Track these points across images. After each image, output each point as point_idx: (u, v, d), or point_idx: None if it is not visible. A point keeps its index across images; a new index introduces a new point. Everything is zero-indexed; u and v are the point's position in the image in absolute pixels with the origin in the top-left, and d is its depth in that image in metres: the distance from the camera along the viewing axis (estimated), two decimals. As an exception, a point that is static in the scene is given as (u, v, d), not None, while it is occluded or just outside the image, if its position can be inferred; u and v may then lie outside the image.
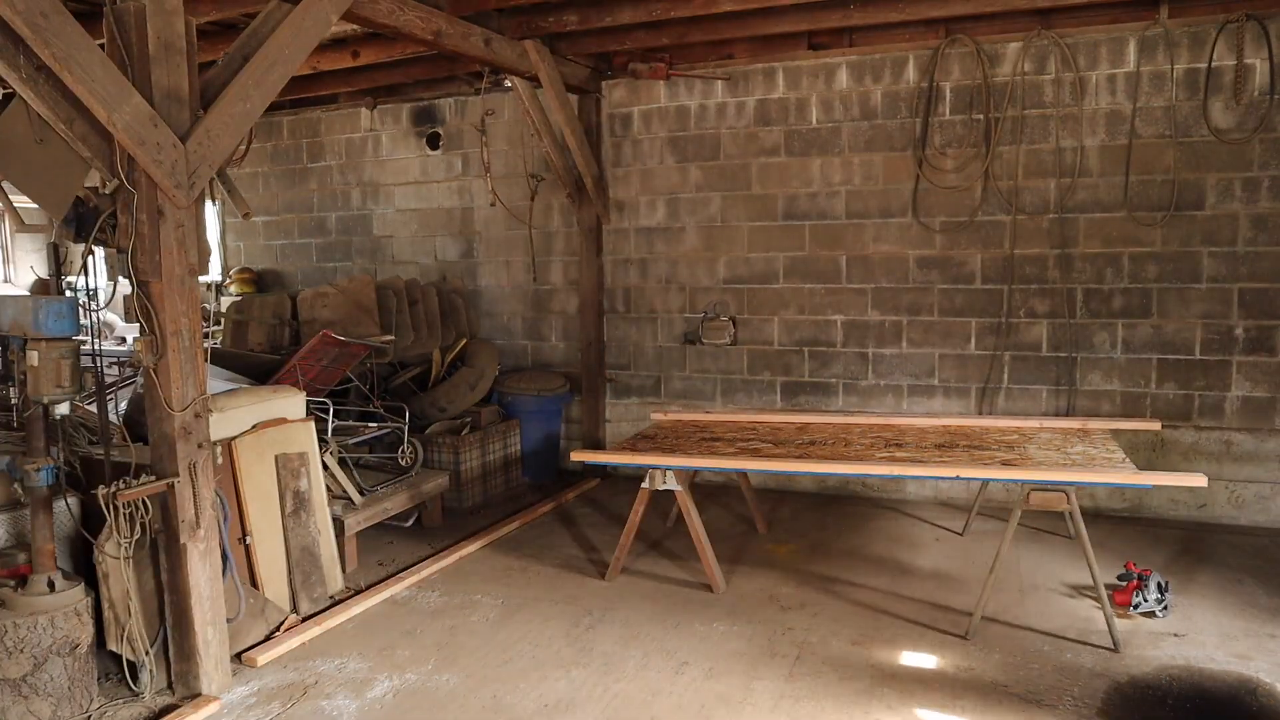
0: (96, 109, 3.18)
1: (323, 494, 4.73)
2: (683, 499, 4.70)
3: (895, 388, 6.41)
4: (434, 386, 6.84)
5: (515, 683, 3.81)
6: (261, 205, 8.48)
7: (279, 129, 8.36)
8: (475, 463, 6.44)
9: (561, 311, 7.42)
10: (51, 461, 3.56)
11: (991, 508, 5.92)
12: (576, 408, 7.33)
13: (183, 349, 3.57)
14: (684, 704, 3.61)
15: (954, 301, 6.22)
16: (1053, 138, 5.85)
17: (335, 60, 6.27)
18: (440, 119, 7.68)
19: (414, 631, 4.34)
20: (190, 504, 3.60)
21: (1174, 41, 5.53)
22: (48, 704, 3.43)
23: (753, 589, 4.78)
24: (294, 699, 3.70)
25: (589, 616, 4.48)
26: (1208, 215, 5.60)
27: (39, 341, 3.44)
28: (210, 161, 3.58)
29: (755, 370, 6.80)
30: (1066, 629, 4.20)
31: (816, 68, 6.37)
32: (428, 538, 5.72)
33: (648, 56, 6.55)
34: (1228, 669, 3.79)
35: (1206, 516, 5.76)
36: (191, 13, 3.57)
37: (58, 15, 3.02)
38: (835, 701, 3.60)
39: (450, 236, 7.76)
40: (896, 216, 6.28)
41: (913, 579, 4.88)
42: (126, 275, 3.53)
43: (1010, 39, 5.84)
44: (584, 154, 6.66)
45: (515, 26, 5.72)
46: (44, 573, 3.51)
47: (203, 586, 3.66)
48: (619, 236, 7.12)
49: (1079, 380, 5.90)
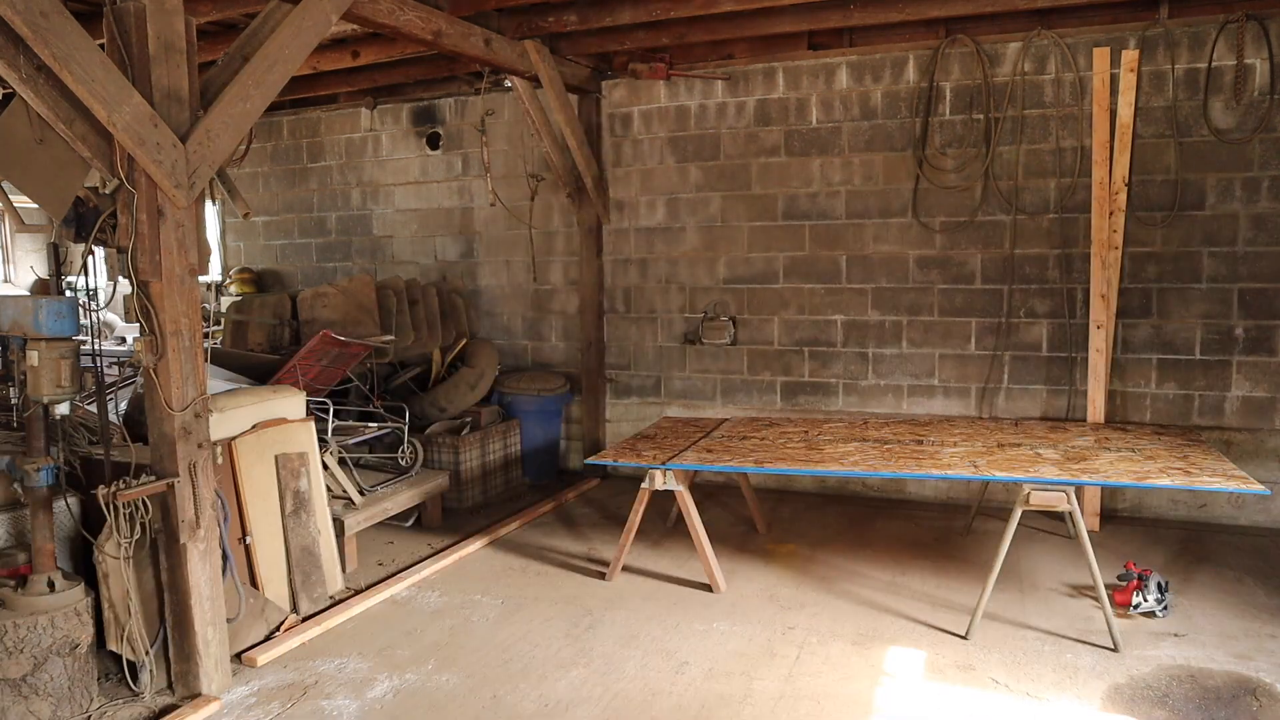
0: (96, 109, 3.18)
1: (323, 494, 4.73)
2: (683, 499, 4.70)
3: (895, 388, 6.41)
4: (434, 386, 6.84)
5: (515, 683, 3.81)
6: (261, 205, 8.48)
7: (279, 129, 8.36)
8: (475, 463, 6.44)
9: (561, 311, 7.42)
10: (51, 461, 3.56)
11: (992, 508, 5.92)
12: (576, 408, 7.33)
13: (183, 349, 3.57)
14: (684, 704, 3.61)
15: (954, 301, 6.22)
16: (1053, 138, 5.85)
17: (335, 60, 6.27)
18: (440, 119, 7.68)
19: (414, 631, 4.34)
20: (190, 504, 3.60)
21: (1174, 41, 5.53)
22: (48, 704, 3.43)
23: (753, 589, 4.78)
24: (294, 699, 3.70)
25: (589, 616, 4.48)
26: (1208, 215, 5.60)
27: (39, 341, 3.44)
28: (210, 161, 3.58)
29: (755, 370, 6.80)
30: (1066, 629, 4.20)
31: (816, 68, 6.37)
32: (428, 538, 5.72)
33: (648, 56, 6.55)
34: (1228, 669, 3.79)
35: (1206, 516, 5.76)
36: (191, 13, 3.57)
37: (58, 15, 3.02)
38: (835, 702, 3.60)
39: (450, 236, 7.76)
40: (896, 216, 6.28)
41: (913, 579, 4.88)
42: (126, 275, 3.52)
43: (1010, 39, 5.84)
44: (584, 154, 6.66)
45: (515, 26, 5.72)
46: (44, 573, 3.51)
47: (203, 586, 3.66)
48: (619, 236, 7.12)
49: (1079, 380, 5.89)
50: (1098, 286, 5.67)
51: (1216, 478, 4.04)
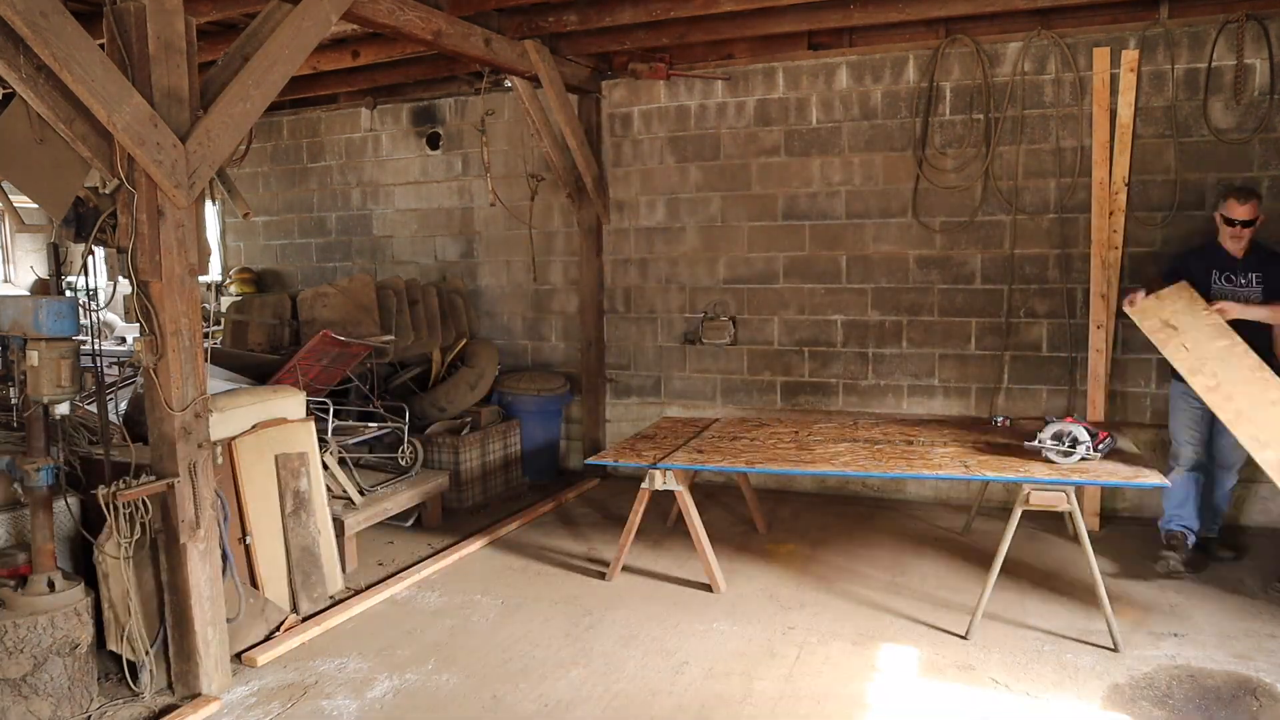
0: (96, 109, 3.18)
1: (323, 494, 4.73)
2: (683, 499, 4.70)
3: (895, 388, 6.41)
4: (434, 386, 6.85)
5: (515, 683, 3.81)
6: (261, 205, 8.48)
7: (279, 129, 8.36)
8: (475, 462, 6.44)
9: (561, 311, 7.42)
10: (51, 461, 3.56)
11: (992, 507, 5.91)
12: (576, 408, 7.33)
13: (183, 349, 3.57)
14: (684, 704, 3.61)
15: (954, 301, 6.22)
16: (1053, 138, 5.84)
17: (335, 60, 6.27)
18: (440, 119, 7.68)
19: (414, 631, 4.34)
20: (190, 504, 3.60)
21: (1174, 41, 5.53)
22: (48, 704, 3.43)
23: (753, 589, 4.78)
24: (294, 699, 3.70)
25: (589, 616, 4.48)
26: (1208, 215, 5.58)
27: (39, 341, 3.44)
28: (210, 161, 3.58)
29: (755, 370, 6.80)
30: (1066, 629, 4.20)
31: (816, 68, 6.37)
32: (428, 538, 5.72)
33: (648, 56, 6.55)
34: (1228, 669, 3.79)
35: (1206, 516, 5.75)
36: (191, 13, 3.57)
37: (58, 15, 3.02)
38: (835, 702, 3.60)
39: (450, 236, 7.76)
40: (896, 216, 6.28)
41: (913, 578, 4.88)
42: (126, 275, 3.52)
43: (1010, 39, 5.84)
44: (584, 154, 6.66)
45: (515, 26, 5.72)
46: (44, 573, 3.51)
47: (203, 586, 3.66)
48: (619, 236, 7.11)
49: (1079, 380, 5.89)
50: (1098, 286, 5.66)
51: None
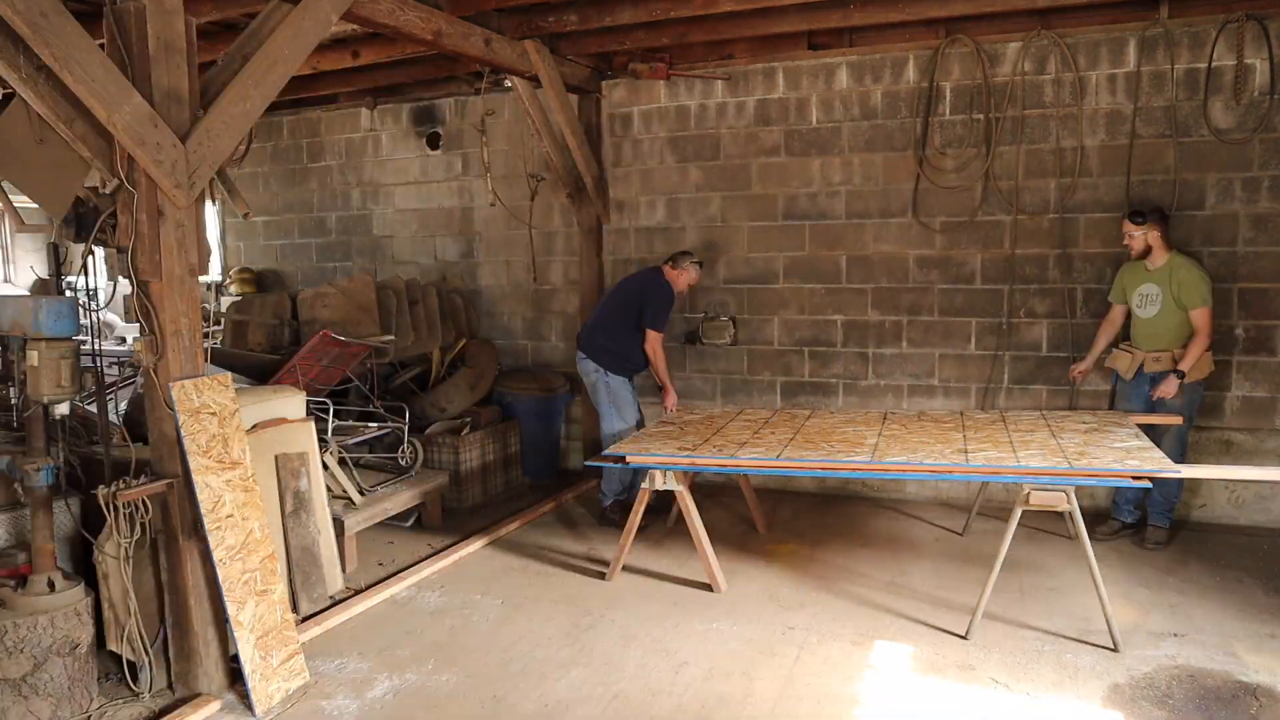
0: (96, 109, 3.18)
1: (323, 494, 4.73)
2: (683, 499, 4.70)
3: (895, 387, 6.41)
4: (434, 386, 6.84)
5: (515, 682, 3.81)
6: (261, 205, 8.47)
7: (279, 129, 8.36)
8: (475, 463, 6.44)
9: (561, 311, 7.42)
10: (51, 461, 3.56)
11: (992, 508, 5.91)
12: (576, 408, 7.33)
13: (183, 349, 3.57)
14: (684, 704, 3.61)
15: (954, 301, 6.22)
16: (1053, 138, 5.84)
17: (335, 60, 6.27)
18: (440, 119, 7.68)
19: (414, 631, 4.34)
20: (190, 504, 3.60)
21: (1174, 41, 5.53)
22: (48, 704, 3.43)
23: (753, 589, 4.78)
24: (294, 699, 3.70)
25: (589, 616, 4.48)
26: (1208, 215, 5.60)
27: (39, 341, 3.44)
28: (210, 161, 3.58)
29: (755, 370, 6.79)
30: (1066, 629, 4.20)
31: (816, 68, 6.37)
32: (428, 537, 5.73)
33: (648, 56, 6.55)
34: (1228, 669, 3.79)
35: (1206, 516, 5.76)
36: (191, 13, 3.57)
37: (58, 15, 3.02)
38: (836, 701, 3.60)
39: (450, 236, 7.76)
40: (897, 216, 6.28)
41: (913, 579, 4.88)
42: (126, 275, 3.52)
43: (1010, 39, 5.84)
44: (584, 154, 6.66)
45: (515, 26, 5.71)
46: (44, 573, 3.51)
47: (203, 586, 3.66)
48: (619, 236, 7.11)
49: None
50: (1098, 286, 5.67)
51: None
